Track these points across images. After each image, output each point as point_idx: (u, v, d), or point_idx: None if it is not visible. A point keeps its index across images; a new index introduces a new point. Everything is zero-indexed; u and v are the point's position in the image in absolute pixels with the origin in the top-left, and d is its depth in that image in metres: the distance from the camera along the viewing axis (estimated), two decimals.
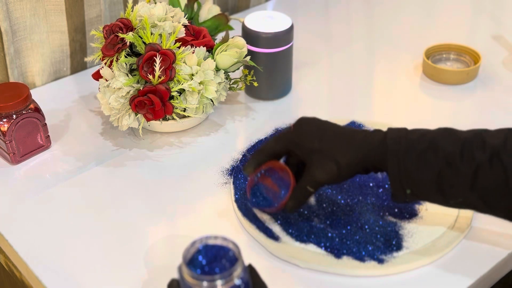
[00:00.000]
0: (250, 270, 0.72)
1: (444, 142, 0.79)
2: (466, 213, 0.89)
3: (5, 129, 0.98)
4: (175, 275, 0.83)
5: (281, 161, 0.89)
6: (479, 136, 0.78)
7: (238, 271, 0.68)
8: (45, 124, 1.02)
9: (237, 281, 0.68)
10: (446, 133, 0.80)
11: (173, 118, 1.03)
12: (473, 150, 0.77)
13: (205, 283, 0.67)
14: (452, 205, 0.80)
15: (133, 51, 1.02)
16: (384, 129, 0.84)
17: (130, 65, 1.00)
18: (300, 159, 0.86)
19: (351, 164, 0.82)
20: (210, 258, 0.70)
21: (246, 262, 0.72)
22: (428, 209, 0.91)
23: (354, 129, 0.85)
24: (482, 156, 0.76)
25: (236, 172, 0.98)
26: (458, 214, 0.89)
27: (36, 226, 0.91)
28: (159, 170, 1.01)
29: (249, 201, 0.89)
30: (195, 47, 1.03)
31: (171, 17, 1.04)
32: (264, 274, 0.73)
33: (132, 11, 1.04)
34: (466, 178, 0.76)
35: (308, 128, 0.85)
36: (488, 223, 0.89)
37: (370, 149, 0.81)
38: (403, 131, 0.82)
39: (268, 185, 0.87)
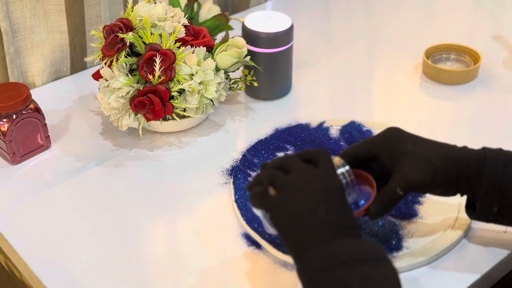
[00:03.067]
0: None
1: None
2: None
3: (5, 129, 0.98)
4: (175, 274, 0.84)
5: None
6: None
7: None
8: (45, 124, 1.02)
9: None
10: None
11: (173, 118, 1.03)
12: None
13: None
14: None
15: (133, 51, 1.02)
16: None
17: (130, 65, 1.00)
18: (382, 168, 0.80)
19: (446, 169, 0.77)
20: None
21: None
22: (428, 209, 0.91)
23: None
24: None
25: (236, 172, 0.98)
26: (458, 214, 0.89)
27: (36, 226, 0.91)
28: (159, 170, 1.01)
29: None
30: (195, 47, 1.03)
31: (171, 17, 1.04)
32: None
33: (132, 11, 1.04)
34: None
35: (399, 134, 0.81)
36: (488, 223, 0.89)
37: (467, 157, 0.77)
38: (501, 149, 0.79)
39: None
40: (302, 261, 0.68)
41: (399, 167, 0.78)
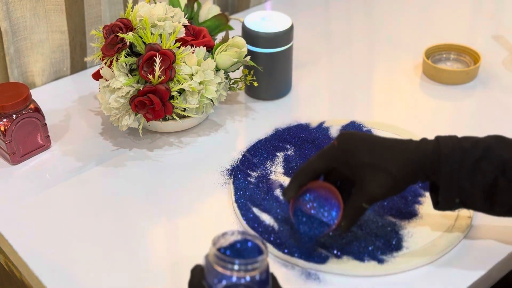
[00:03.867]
0: (272, 278, 0.72)
1: (498, 150, 0.78)
2: (466, 213, 0.89)
3: (5, 129, 0.98)
4: (174, 274, 0.83)
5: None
6: None
7: (265, 263, 0.68)
8: (45, 124, 1.02)
9: (263, 273, 0.68)
10: (498, 140, 0.79)
11: (173, 118, 1.03)
12: None
13: (236, 266, 0.66)
14: (497, 213, 0.80)
15: (133, 51, 1.02)
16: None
17: (130, 65, 1.00)
18: (341, 177, 0.83)
19: (406, 174, 0.79)
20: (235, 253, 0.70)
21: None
22: (428, 209, 0.90)
23: (400, 139, 0.82)
24: None
25: (236, 172, 0.98)
26: (458, 214, 0.89)
27: (36, 226, 0.91)
28: (159, 170, 1.01)
29: (297, 228, 0.83)
30: (195, 47, 1.03)
31: (171, 17, 1.04)
32: None
33: (132, 11, 1.04)
34: None
35: (354, 143, 0.81)
36: (488, 223, 0.89)
37: (424, 157, 0.79)
38: (455, 139, 0.80)
39: (313, 208, 0.82)
40: None
41: (360, 181, 0.80)
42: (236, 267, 0.66)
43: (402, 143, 0.81)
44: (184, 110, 1.02)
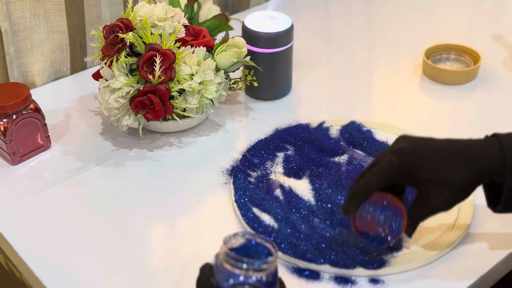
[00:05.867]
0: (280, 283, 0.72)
1: None
2: (466, 213, 0.89)
3: (5, 129, 0.98)
4: (174, 274, 0.83)
5: None
6: None
7: (274, 266, 0.68)
8: (45, 124, 1.02)
9: (270, 276, 0.68)
10: None
11: (173, 118, 1.03)
12: None
13: (244, 265, 0.67)
14: None
15: (133, 51, 1.02)
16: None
17: (130, 65, 1.00)
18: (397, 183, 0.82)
19: (472, 185, 0.78)
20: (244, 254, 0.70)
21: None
22: None
23: (462, 143, 0.79)
24: None
25: (236, 172, 0.98)
26: (458, 214, 0.89)
27: (36, 226, 0.91)
28: (159, 170, 1.01)
29: (366, 243, 0.83)
30: (195, 47, 1.03)
31: (171, 17, 1.04)
32: None
33: (132, 11, 1.04)
34: None
35: (415, 159, 0.78)
36: (488, 223, 0.89)
37: (489, 164, 0.77)
38: None
39: (377, 222, 0.81)
40: None
41: (425, 194, 0.79)
42: (244, 266, 0.67)
43: (466, 149, 0.78)
44: (184, 110, 1.02)
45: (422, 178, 0.78)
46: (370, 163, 0.82)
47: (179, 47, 1.01)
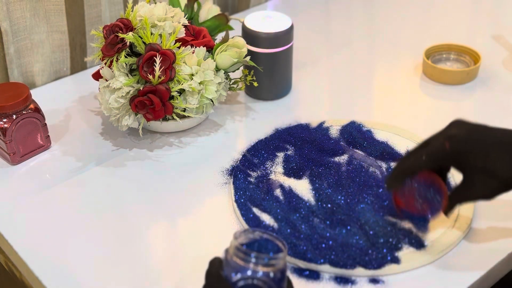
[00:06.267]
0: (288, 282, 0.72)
1: None
2: (466, 213, 0.89)
3: (5, 129, 0.98)
4: (175, 274, 0.83)
5: None
6: None
7: (283, 262, 0.69)
8: (45, 124, 1.02)
9: (278, 272, 0.69)
10: None
11: (173, 118, 1.03)
12: None
13: (253, 258, 0.68)
14: None
15: (133, 51, 1.02)
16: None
17: (130, 65, 1.00)
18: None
19: None
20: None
21: None
22: None
23: None
24: None
25: (236, 172, 0.98)
26: (458, 214, 0.89)
27: (36, 226, 0.91)
28: (159, 170, 1.01)
29: (405, 219, 0.86)
30: (195, 47, 1.03)
31: (171, 17, 1.04)
32: None
33: (132, 11, 1.04)
34: None
35: (468, 147, 0.78)
36: (488, 223, 0.89)
37: None
38: None
39: (418, 199, 0.83)
40: None
41: (471, 182, 0.79)
42: (253, 259, 0.68)
43: None
44: (184, 110, 1.02)
45: (471, 166, 0.78)
46: (420, 142, 0.82)
47: (179, 47, 1.01)
